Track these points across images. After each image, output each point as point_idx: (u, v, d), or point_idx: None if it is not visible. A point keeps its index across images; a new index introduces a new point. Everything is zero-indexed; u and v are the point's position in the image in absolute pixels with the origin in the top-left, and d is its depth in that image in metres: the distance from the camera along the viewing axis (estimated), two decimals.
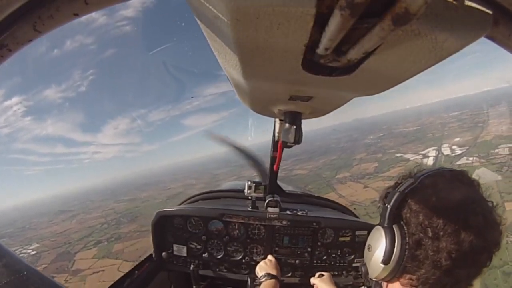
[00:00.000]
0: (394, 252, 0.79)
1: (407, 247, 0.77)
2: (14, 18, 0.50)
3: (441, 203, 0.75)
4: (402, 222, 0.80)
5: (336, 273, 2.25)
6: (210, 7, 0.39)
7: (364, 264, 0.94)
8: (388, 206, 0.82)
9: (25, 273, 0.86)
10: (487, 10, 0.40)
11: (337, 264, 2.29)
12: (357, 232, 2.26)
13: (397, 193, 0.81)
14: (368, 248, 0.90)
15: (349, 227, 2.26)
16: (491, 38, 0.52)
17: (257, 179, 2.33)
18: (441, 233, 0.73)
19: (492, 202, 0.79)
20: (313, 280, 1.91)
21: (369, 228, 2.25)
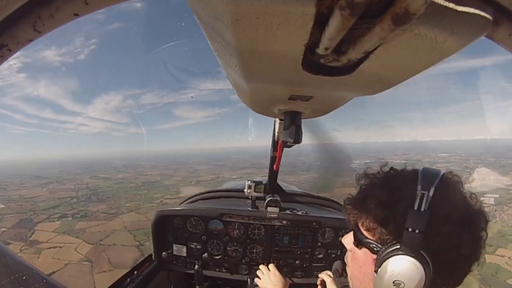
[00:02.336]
0: (431, 280, 0.76)
1: (441, 268, 0.76)
2: (14, 18, 0.50)
3: (456, 215, 0.75)
4: (426, 244, 0.74)
5: None
6: (210, 7, 0.39)
7: None
8: (417, 231, 0.73)
9: (25, 273, 0.86)
10: (487, 10, 0.40)
11: None
12: None
13: (420, 213, 0.73)
14: (397, 285, 0.78)
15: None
16: (491, 38, 0.52)
17: (258, 179, 2.33)
18: (469, 249, 0.76)
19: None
20: (323, 276, 1.83)
21: None
